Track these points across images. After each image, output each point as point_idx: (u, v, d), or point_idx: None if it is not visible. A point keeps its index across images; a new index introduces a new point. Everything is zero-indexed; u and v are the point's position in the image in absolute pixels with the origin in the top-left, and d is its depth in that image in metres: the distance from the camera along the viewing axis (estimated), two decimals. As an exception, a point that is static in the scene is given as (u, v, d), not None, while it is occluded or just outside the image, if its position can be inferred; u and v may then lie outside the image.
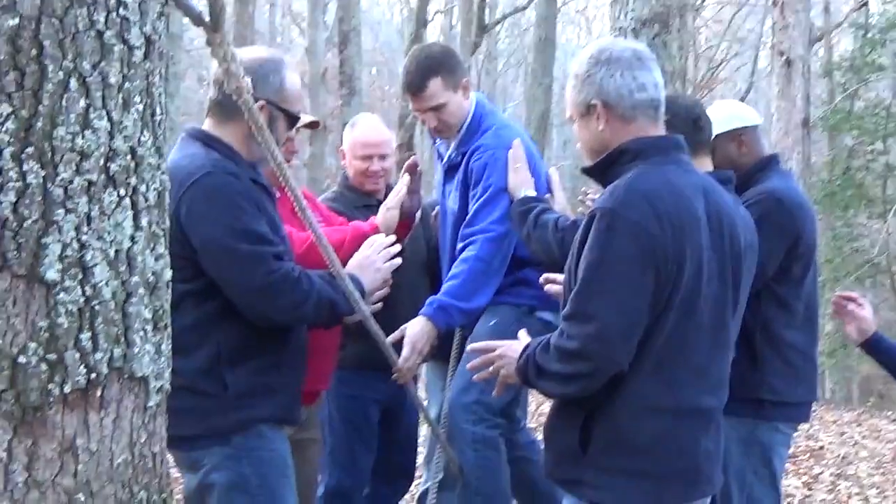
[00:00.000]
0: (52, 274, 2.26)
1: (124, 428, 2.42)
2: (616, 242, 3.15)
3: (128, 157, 2.38)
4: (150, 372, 2.48)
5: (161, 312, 2.52)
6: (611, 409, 3.25)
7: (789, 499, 8.88)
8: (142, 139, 2.41)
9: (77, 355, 2.31)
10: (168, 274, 2.55)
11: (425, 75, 4.71)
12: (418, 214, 5.03)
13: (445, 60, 4.78)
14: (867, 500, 8.93)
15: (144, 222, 2.44)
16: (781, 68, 13.43)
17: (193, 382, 3.48)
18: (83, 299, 2.31)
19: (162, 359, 2.53)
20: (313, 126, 4.60)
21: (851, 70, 23.49)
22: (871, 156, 22.77)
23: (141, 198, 2.42)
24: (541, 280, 4.34)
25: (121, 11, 2.33)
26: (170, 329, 2.59)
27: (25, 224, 2.23)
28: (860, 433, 12.76)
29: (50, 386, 2.28)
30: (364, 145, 5.27)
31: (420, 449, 5.95)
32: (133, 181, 2.40)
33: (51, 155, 2.25)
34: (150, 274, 2.47)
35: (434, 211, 5.26)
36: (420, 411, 4.64)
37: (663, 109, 3.50)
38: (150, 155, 2.45)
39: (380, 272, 4.12)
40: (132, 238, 2.40)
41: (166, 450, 2.63)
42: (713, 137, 4.40)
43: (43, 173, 2.24)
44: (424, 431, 5.68)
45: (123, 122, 2.36)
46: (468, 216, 4.70)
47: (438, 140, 5.06)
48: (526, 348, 3.44)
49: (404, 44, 25.86)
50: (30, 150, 2.23)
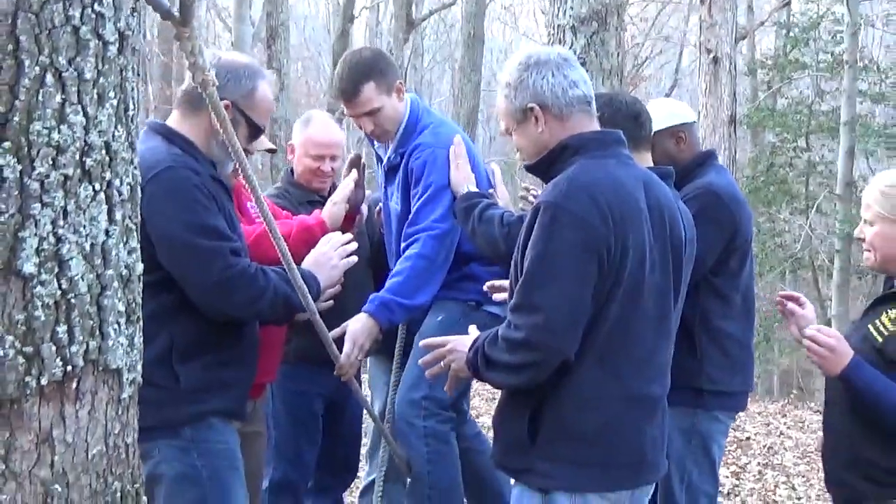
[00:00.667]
0: (30, 267, 2.27)
1: (99, 419, 2.45)
2: (560, 234, 3.22)
3: (102, 152, 2.40)
4: (124, 364, 2.50)
5: (133, 305, 2.55)
6: (558, 399, 3.31)
7: (719, 488, 9.03)
8: (116, 134, 2.43)
9: (53, 348, 2.32)
10: (140, 267, 2.58)
11: (358, 81, 4.69)
12: (364, 209, 5.05)
13: (377, 64, 4.75)
14: (794, 489, 9.10)
15: (118, 216, 2.46)
16: (708, 66, 13.57)
17: (146, 374, 3.50)
18: (59, 292, 2.33)
19: (134, 351, 2.56)
20: (271, 151, 4.62)
21: (775, 68, 23.87)
22: (794, 153, 23.12)
23: (115, 192, 2.44)
24: (485, 287, 4.40)
25: (96, 7, 2.35)
26: (141, 322, 2.61)
27: (2, 218, 2.24)
28: (785, 424, 12.97)
29: (27, 378, 2.29)
30: (317, 145, 5.27)
31: (364, 441, 5.99)
32: (108, 175, 2.42)
33: (27, 149, 2.26)
34: (124, 267, 2.49)
35: (377, 207, 5.28)
36: (364, 408, 4.66)
37: (595, 105, 3.59)
38: (124, 150, 2.47)
39: (336, 269, 4.16)
40: (107, 232, 2.42)
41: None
42: (653, 134, 4.50)
43: (20, 167, 2.26)
44: (368, 424, 5.71)
45: (98, 118, 2.38)
46: (410, 215, 4.71)
47: (377, 143, 5.06)
48: (475, 341, 3.50)
49: (331, 39, 25.78)
50: (6, 145, 2.24)
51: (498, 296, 4.29)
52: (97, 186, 2.39)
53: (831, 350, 3.76)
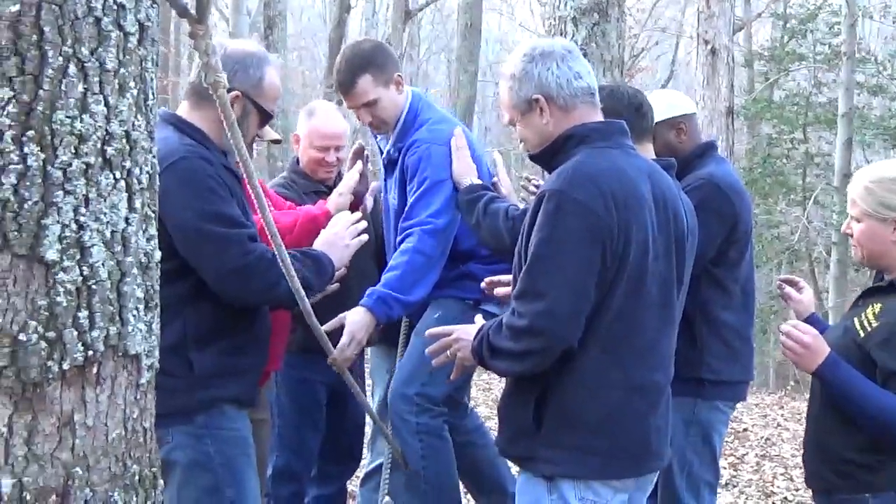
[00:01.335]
0: (52, 254, 2.31)
1: (118, 404, 2.49)
2: (564, 222, 3.26)
3: (123, 141, 2.43)
4: (143, 350, 2.54)
5: (152, 292, 2.59)
6: (562, 387, 3.35)
7: (719, 478, 9.08)
8: (136, 123, 2.47)
9: (75, 333, 2.36)
10: (158, 254, 2.62)
11: (355, 73, 4.71)
12: (370, 200, 5.08)
13: (375, 57, 4.77)
14: (792, 480, 9.15)
15: (138, 204, 2.50)
16: (706, 57, 13.58)
17: (161, 361, 3.54)
18: (81, 279, 2.37)
19: (153, 337, 2.60)
20: (276, 142, 4.66)
21: (772, 59, 23.87)
22: (791, 145, 23.15)
23: (135, 180, 2.48)
24: (484, 283, 4.42)
25: (117, -1, 2.40)
26: (159, 308, 2.65)
27: (26, 205, 2.28)
28: (782, 415, 13.05)
29: (49, 363, 2.33)
30: (322, 136, 5.30)
31: (366, 429, 6.03)
32: (128, 164, 2.46)
33: (50, 138, 2.30)
34: (143, 254, 2.53)
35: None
36: (358, 400, 4.67)
37: (598, 96, 3.62)
38: (144, 139, 2.51)
39: (347, 249, 4.20)
40: (127, 219, 2.46)
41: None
42: (654, 125, 4.54)
43: (43, 156, 2.29)
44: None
45: (119, 107, 2.42)
46: (406, 210, 4.72)
47: (378, 135, 5.07)
48: (480, 329, 3.54)
49: (327, 28, 25.77)
50: (30, 134, 2.28)
51: (499, 290, 4.30)
52: (118, 175, 2.43)
53: (805, 347, 3.76)
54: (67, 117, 2.32)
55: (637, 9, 29.82)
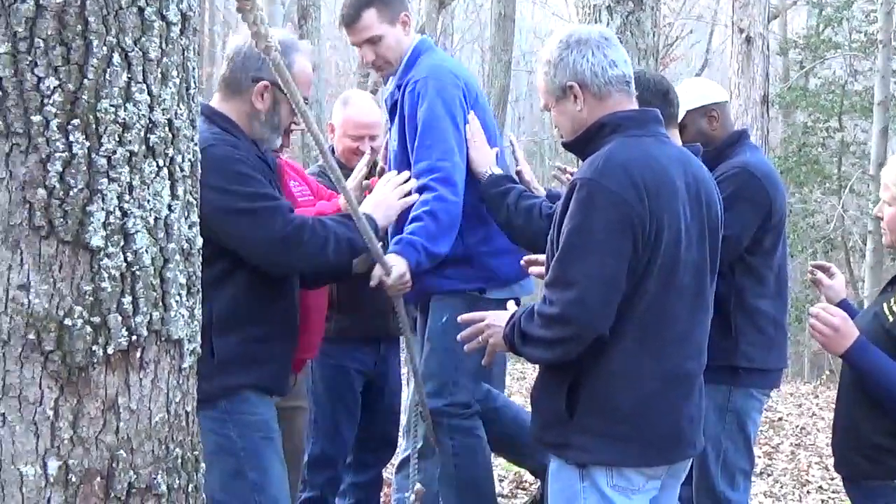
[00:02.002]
0: (97, 240, 2.36)
1: (161, 388, 2.54)
2: (595, 211, 3.25)
3: (166, 129, 2.48)
4: (185, 335, 2.59)
5: (194, 278, 2.63)
6: (595, 376, 3.34)
7: (753, 465, 9.06)
8: (178, 112, 2.52)
9: (119, 318, 2.41)
10: (199, 241, 2.66)
11: (359, 7, 4.66)
12: None
13: None
14: (827, 469, 9.10)
15: (180, 191, 2.54)
16: (741, 46, 13.54)
17: None
18: (125, 265, 2.42)
19: (194, 322, 2.64)
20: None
21: (807, 48, 23.72)
22: (827, 133, 23.00)
23: (177, 168, 2.53)
24: (522, 262, 4.38)
25: (159, -11, 2.44)
26: (201, 294, 2.69)
27: (71, 192, 2.33)
28: (817, 405, 12.98)
29: (94, 347, 2.38)
30: (357, 125, 5.30)
31: (401, 417, 6.06)
32: (170, 152, 2.50)
33: (95, 126, 2.35)
34: (185, 241, 2.58)
35: None
36: (417, 387, 4.65)
37: (634, 84, 3.63)
38: (186, 127, 2.55)
39: (392, 209, 4.25)
40: (169, 206, 2.51)
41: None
42: (686, 114, 4.53)
43: (88, 144, 2.34)
44: (405, 401, 5.77)
45: (162, 96, 2.46)
46: (413, 157, 4.58)
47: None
48: (512, 316, 3.53)
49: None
50: (75, 122, 2.32)
51: (534, 269, 4.27)
52: (160, 162, 2.48)
53: (835, 329, 3.75)
54: (112, 106, 2.37)
55: (671, -3, 29.71)
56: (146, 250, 2.45)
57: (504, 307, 3.79)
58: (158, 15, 2.43)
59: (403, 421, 5.79)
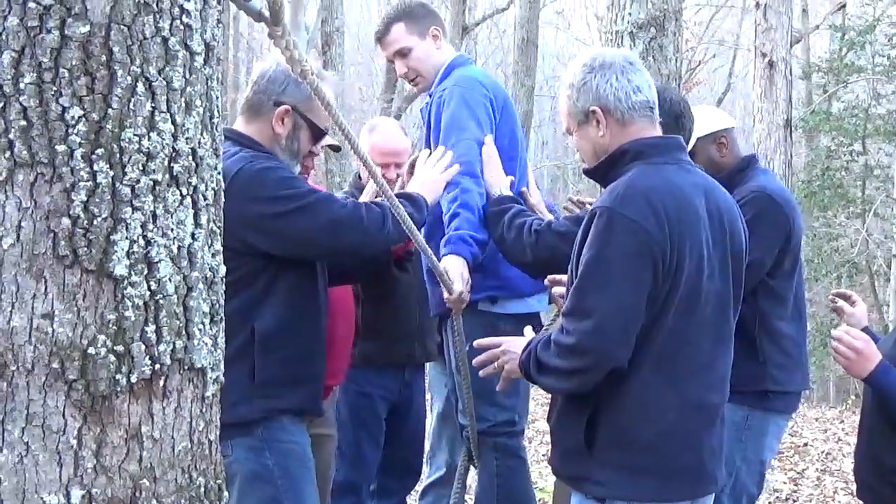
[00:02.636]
0: (121, 269, 2.36)
1: (185, 416, 2.53)
2: (614, 239, 3.23)
3: (189, 158, 2.49)
4: (208, 363, 2.59)
5: (217, 306, 2.63)
6: (616, 407, 3.31)
7: (777, 494, 9.02)
8: (202, 141, 2.52)
9: (143, 347, 2.41)
10: (223, 269, 2.66)
11: (390, 21, 4.84)
12: None
13: (412, 9, 4.88)
14: (853, 495, 9.02)
15: (204, 220, 2.55)
16: (764, 70, 13.55)
17: (225, 373, 3.58)
18: (148, 293, 2.42)
19: (217, 351, 2.64)
20: (334, 149, 4.70)
21: (830, 72, 23.67)
22: (850, 157, 22.92)
23: (201, 196, 2.53)
24: (546, 282, 4.39)
25: (184, 19, 2.44)
26: (224, 322, 2.69)
27: (95, 221, 2.33)
28: (843, 430, 12.91)
29: (117, 376, 2.38)
30: (383, 153, 5.33)
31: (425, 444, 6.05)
32: (194, 181, 2.51)
33: (119, 156, 2.35)
34: (208, 269, 2.58)
35: None
36: (466, 410, 4.65)
37: (658, 111, 3.60)
38: (209, 156, 2.56)
39: (437, 184, 4.32)
40: (193, 235, 2.51)
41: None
42: (696, 141, 4.53)
43: (112, 173, 2.35)
44: (429, 428, 5.76)
45: (185, 125, 2.47)
46: None
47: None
48: (529, 343, 3.52)
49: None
50: (100, 152, 2.33)
51: (556, 290, 4.25)
52: (184, 191, 2.48)
53: (858, 352, 3.74)
54: (136, 135, 2.37)
55: (694, 22, 29.70)
56: (170, 279, 2.45)
57: (521, 324, 3.78)
58: (182, 45, 2.45)
59: (427, 447, 5.79)
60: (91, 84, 2.32)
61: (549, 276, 4.33)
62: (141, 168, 2.38)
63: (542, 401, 13.04)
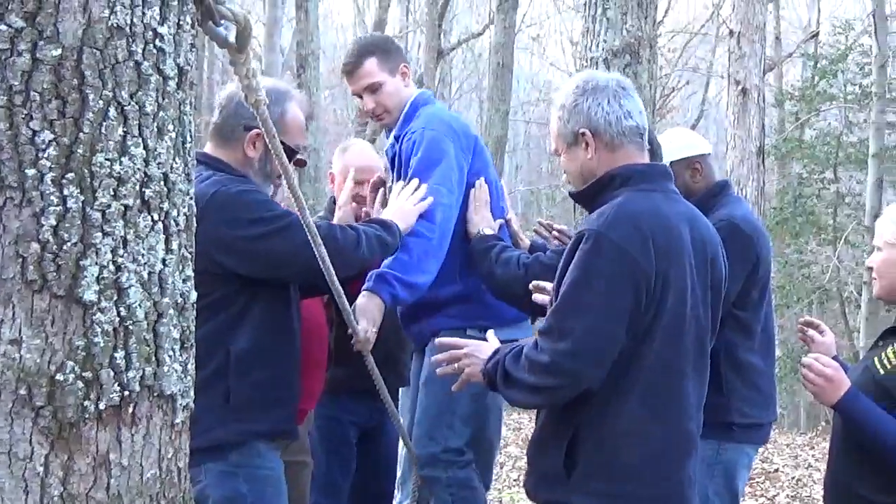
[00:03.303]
0: (90, 295, 2.33)
1: (153, 444, 2.50)
2: (599, 263, 3.22)
3: (161, 183, 2.46)
4: (178, 390, 2.56)
5: (188, 333, 2.61)
6: (596, 433, 3.30)
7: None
8: (174, 166, 2.50)
9: (111, 373, 2.38)
10: (194, 295, 2.63)
11: (361, 55, 4.79)
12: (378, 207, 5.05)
13: (382, 44, 4.90)
14: (823, 522, 9.06)
15: (175, 245, 2.52)
16: (737, 97, 13.61)
17: (197, 395, 3.56)
18: (118, 319, 2.38)
19: (188, 377, 2.61)
20: (299, 164, 4.69)
21: (803, 100, 23.86)
22: (822, 184, 23.10)
23: (172, 222, 2.51)
24: (531, 286, 4.37)
25: (157, 43, 2.42)
26: (194, 349, 2.67)
27: (65, 247, 2.30)
28: (813, 456, 12.94)
29: (86, 403, 2.34)
30: (358, 170, 5.27)
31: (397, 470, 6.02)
32: (166, 206, 2.48)
33: (90, 180, 2.33)
34: (179, 295, 2.55)
35: None
36: (399, 433, 4.67)
37: (647, 136, 3.61)
38: (181, 181, 2.54)
39: (411, 214, 4.35)
40: (164, 261, 2.48)
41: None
42: (669, 165, 4.53)
43: (82, 198, 2.32)
44: (401, 453, 5.74)
45: (158, 150, 2.44)
46: None
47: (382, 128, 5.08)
48: (496, 353, 3.49)
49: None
50: (70, 176, 2.30)
51: (537, 297, 4.22)
52: (155, 216, 2.46)
53: (828, 379, 3.75)
54: (107, 160, 2.35)
55: (668, 48, 29.86)
56: (140, 305, 2.42)
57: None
58: (155, 69, 2.42)
59: (399, 473, 5.76)
60: (62, 108, 2.30)
61: (534, 283, 4.30)
62: (112, 193, 2.36)
63: (513, 426, 13.04)
